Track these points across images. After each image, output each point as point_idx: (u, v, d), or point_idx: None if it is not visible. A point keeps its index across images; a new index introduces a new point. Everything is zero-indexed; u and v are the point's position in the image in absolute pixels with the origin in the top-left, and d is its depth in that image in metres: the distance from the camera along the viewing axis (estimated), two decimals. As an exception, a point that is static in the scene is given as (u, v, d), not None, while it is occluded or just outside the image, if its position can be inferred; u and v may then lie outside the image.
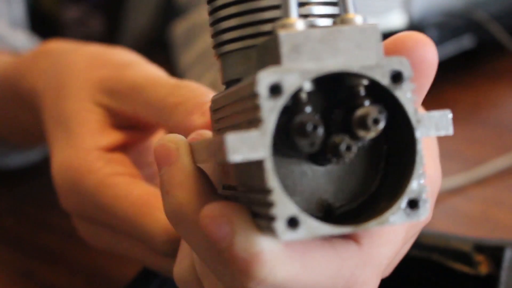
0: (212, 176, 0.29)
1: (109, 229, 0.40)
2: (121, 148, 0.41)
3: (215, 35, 0.28)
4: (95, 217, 0.40)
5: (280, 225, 0.22)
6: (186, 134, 0.30)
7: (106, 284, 0.49)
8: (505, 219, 0.54)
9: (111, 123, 0.42)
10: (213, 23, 0.28)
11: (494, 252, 0.39)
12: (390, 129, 0.25)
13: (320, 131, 0.23)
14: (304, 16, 0.26)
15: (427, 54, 0.27)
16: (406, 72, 0.24)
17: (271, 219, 0.23)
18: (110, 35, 0.85)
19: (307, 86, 0.23)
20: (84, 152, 0.40)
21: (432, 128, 0.24)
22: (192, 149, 0.28)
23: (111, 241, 0.41)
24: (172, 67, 0.68)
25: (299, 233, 0.23)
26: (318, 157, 0.25)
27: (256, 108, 0.23)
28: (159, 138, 0.29)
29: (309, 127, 0.23)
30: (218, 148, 0.23)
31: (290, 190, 0.25)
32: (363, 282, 0.26)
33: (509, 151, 0.63)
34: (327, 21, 0.26)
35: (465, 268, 0.40)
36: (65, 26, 0.82)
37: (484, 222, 0.54)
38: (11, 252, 0.55)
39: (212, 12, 0.28)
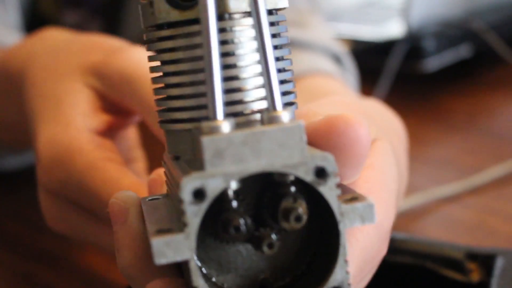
0: None
1: (84, 212, 0.40)
2: (108, 132, 0.42)
3: (158, 111, 0.29)
4: (76, 197, 0.40)
5: None
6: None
7: (103, 286, 0.50)
8: (500, 227, 0.55)
9: (100, 106, 0.42)
10: (157, 100, 0.29)
11: (486, 260, 0.40)
12: (322, 213, 0.25)
13: (243, 230, 0.24)
14: (232, 114, 0.26)
15: (359, 135, 0.27)
16: (330, 167, 0.24)
17: None
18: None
19: (233, 185, 0.24)
20: (76, 131, 0.40)
21: (356, 219, 0.25)
22: (143, 209, 0.29)
23: (81, 225, 0.41)
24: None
25: None
26: (249, 242, 0.26)
27: (182, 211, 0.24)
28: (114, 195, 0.29)
29: (232, 231, 0.24)
30: (149, 244, 0.24)
31: (224, 268, 0.26)
32: None
33: (504, 160, 0.64)
34: (256, 116, 0.27)
35: (457, 276, 0.40)
36: (64, 31, 0.83)
37: (479, 230, 0.55)
38: (10, 254, 0.55)
39: (156, 92, 0.29)
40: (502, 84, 0.84)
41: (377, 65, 0.81)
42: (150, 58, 0.29)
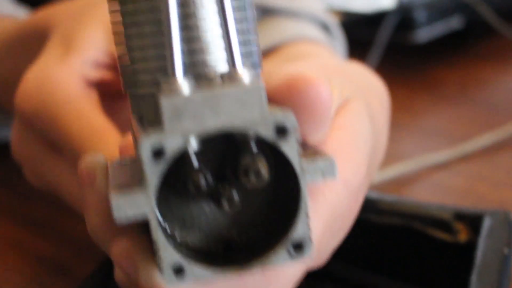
0: None
1: (48, 146, 0.41)
2: (106, 89, 0.42)
3: (122, 75, 0.29)
4: (45, 128, 0.40)
5: (166, 274, 0.24)
6: None
7: (92, 253, 0.50)
8: (488, 194, 0.55)
9: (109, 63, 0.42)
10: (121, 66, 0.29)
11: (474, 221, 0.40)
12: (283, 170, 0.25)
13: (203, 188, 0.24)
14: (194, 76, 0.26)
15: (320, 94, 0.27)
16: (290, 124, 0.24)
17: (159, 267, 0.24)
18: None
19: (194, 144, 0.24)
20: (69, 70, 0.41)
21: (317, 175, 0.25)
22: (109, 172, 0.29)
23: (43, 158, 0.42)
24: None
25: (185, 281, 0.24)
26: (211, 199, 0.26)
27: (141, 170, 0.24)
28: (83, 158, 0.29)
29: (192, 188, 0.24)
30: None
31: (188, 225, 0.26)
32: None
33: (494, 128, 0.64)
34: (218, 78, 0.27)
35: (445, 236, 0.41)
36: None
37: (468, 196, 0.55)
38: (0, 222, 0.55)
39: (120, 55, 0.29)
40: (493, 55, 0.84)
41: (368, 36, 0.80)
42: (113, 18, 0.29)
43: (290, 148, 0.24)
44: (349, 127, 0.31)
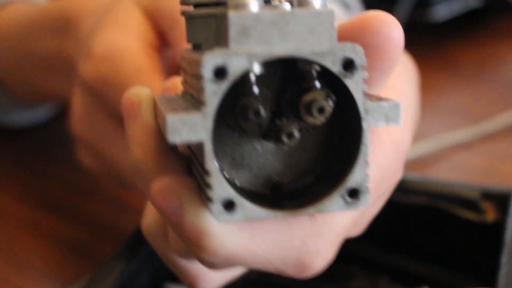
0: None
1: (114, 118, 0.40)
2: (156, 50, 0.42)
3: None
4: (114, 99, 0.39)
5: (216, 207, 0.23)
6: None
7: (110, 234, 0.49)
8: (511, 173, 0.54)
9: (151, 26, 0.42)
10: None
11: (501, 200, 0.39)
12: (344, 113, 0.24)
13: (263, 116, 0.23)
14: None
15: (393, 35, 0.26)
16: (359, 60, 0.23)
17: (209, 200, 0.23)
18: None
19: (256, 69, 0.23)
20: (131, 36, 0.41)
21: (381, 118, 0.24)
22: (156, 105, 0.27)
23: (105, 129, 0.42)
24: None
25: (235, 216, 0.23)
26: (267, 136, 0.25)
27: (201, 90, 0.22)
28: (127, 90, 0.28)
29: (251, 115, 0.23)
30: (163, 125, 0.23)
31: (237, 164, 0.25)
32: (315, 252, 0.26)
33: (514, 107, 0.63)
34: (285, 6, 0.25)
35: (472, 216, 0.40)
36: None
37: (490, 176, 0.54)
38: (18, 203, 0.55)
39: None
40: (511, 33, 0.83)
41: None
42: None
43: (355, 85, 0.23)
44: (397, 88, 0.30)
